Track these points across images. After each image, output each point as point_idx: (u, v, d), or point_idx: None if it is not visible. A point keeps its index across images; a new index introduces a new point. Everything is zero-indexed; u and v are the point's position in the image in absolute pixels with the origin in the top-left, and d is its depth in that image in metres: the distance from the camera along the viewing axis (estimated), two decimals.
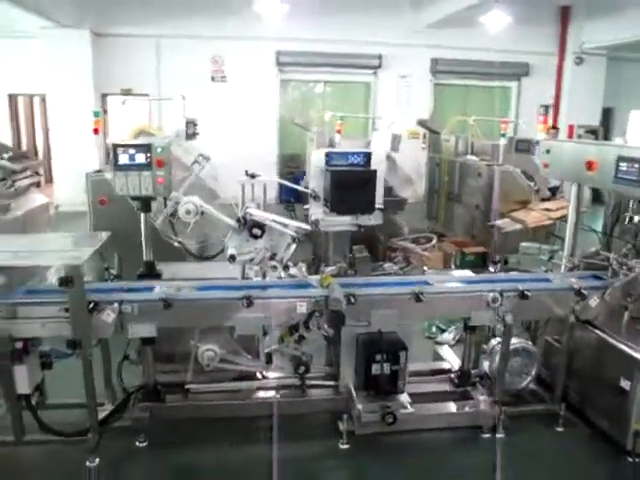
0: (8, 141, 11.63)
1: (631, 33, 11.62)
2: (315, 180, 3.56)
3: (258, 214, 3.47)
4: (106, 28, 11.73)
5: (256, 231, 3.40)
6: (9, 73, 11.75)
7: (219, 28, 11.98)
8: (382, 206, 3.57)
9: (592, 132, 12.44)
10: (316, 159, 3.54)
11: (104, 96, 12.22)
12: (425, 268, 5.91)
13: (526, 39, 12.90)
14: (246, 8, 10.35)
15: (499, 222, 7.50)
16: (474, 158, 8.52)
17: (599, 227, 4.78)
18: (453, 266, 7.40)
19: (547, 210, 7.33)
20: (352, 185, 3.44)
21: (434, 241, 7.58)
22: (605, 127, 13.63)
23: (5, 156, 7.90)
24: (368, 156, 3.54)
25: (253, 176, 3.70)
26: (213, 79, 12.66)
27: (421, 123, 10.30)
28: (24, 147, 13.09)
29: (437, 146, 9.80)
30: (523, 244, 5.27)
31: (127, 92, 12.11)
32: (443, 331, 5.43)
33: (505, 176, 7.69)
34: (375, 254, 7.45)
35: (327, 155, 3.51)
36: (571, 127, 13.07)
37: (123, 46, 11.90)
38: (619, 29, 11.97)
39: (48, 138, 12.69)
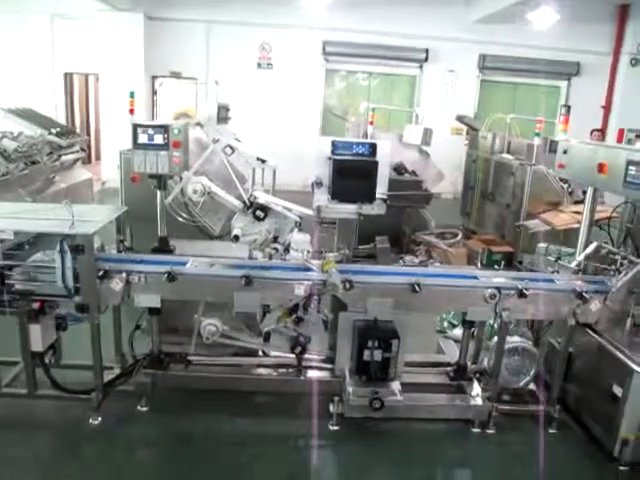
0: (62, 118, 12.19)
1: None
2: (320, 167, 3.66)
3: (263, 197, 3.61)
4: (159, 12, 12.10)
5: (259, 213, 3.55)
6: (66, 52, 12.30)
7: (268, 16, 12.18)
8: (384, 197, 3.64)
9: None
10: (323, 147, 3.64)
11: (154, 78, 12.62)
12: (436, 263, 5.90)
13: (579, 37, 12.58)
14: None
15: (527, 223, 7.41)
16: (509, 157, 8.41)
17: None
18: (479, 264, 7.37)
19: (577, 213, 7.18)
20: (354, 174, 3.53)
21: (459, 237, 7.56)
22: None
23: (53, 131, 8.35)
24: (373, 147, 3.62)
25: (263, 161, 3.83)
26: (259, 66, 12.87)
27: (460, 119, 10.20)
28: (77, 125, 13.65)
29: (476, 143, 9.72)
30: (540, 245, 5.23)
31: (176, 75, 12.49)
32: (454, 326, 5.46)
33: (537, 176, 7.58)
34: (399, 246, 7.51)
35: (333, 144, 3.61)
36: (621, 131, 12.69)
37: (174, 30, 12.27)
38: None
39: (100, 117, 13.22)
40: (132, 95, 5.56)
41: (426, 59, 13.07)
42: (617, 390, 3.49)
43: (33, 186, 7.53)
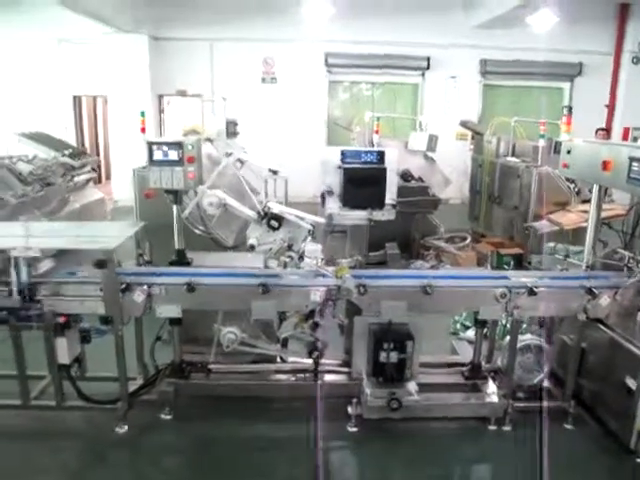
0: (72, 140, 12.43)
1: None
2: (331, 176, 3.78)
3: (276, 207, 3.73)
4: (163, 32, 12.35)
5: (273, 223, 3.66)
6: (74, 76, 12.59)
7: (270, 31, 12.37)
8: (394, 202, 3.75)
9: None
10: (332, 157, 3.76)
11: (160, 97, 12.85)
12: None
13: (579, 38, 12.67)
14: (296, 11, 10.69)
15: (536, 224, 7.48)
16: (514, 159, 8.50)
17: None
18: (489, 266, 7.44)
19: (585, 212, 7.24)
20: (363, 181, 3.66)
21: (468, 241, 7.64)
22: None
23: (66, 153, 8.55)
24: (381, 155, 3.74)
25: (275, 172, 3.96)
26: (264, 80, 13.07)
27: (464, 124, 10.31)
28: (86, 145, 13.90)
29: (481, 147, 9.81)
30: (548, 244, 5.31)
31: (182, 93, 12.71)
32: (467, 328, 5.53)
33: (544, 177, 7.65)
34: (409, 252, 7.61)
35: (342, 153, 3.74)
36: (626, 129, 12.72)
37: (179, 49, 12.51)
38: None
39: (109, 137, 13.47)
40: (143, 115, 5.78)
41: (428, 67, 13.21)
42: (631, 383, 3.55)
43: (48, 207, 7.70)
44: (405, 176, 7.63)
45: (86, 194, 9.16)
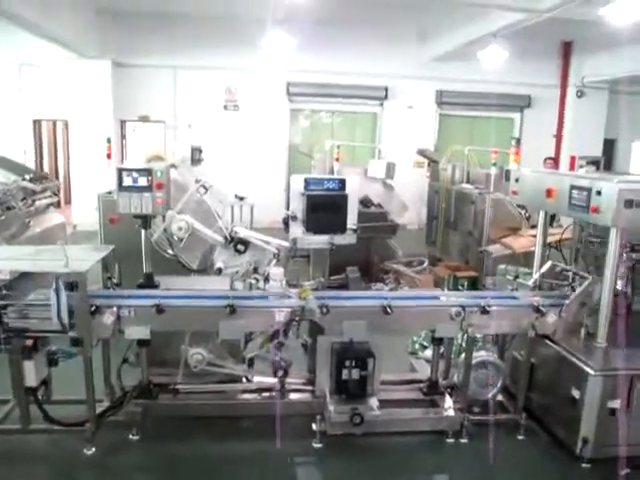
0: (31, 163, 12.32)
1: (630, 68, 12.03)
2: (295, 203, 3.98)
3: (243, 232, 3.90)
4: (126, 59, 12.43)
5: (240, 247, 3.83)
6: (35, 100, 12.52)
7: (232, 60, 12.63)
8: (355, 227, 3.97)
9: (594, 163, 12.76)
10: (296, 184, 3.97)
11: (123, 122, 12.89)
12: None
13: (528, 72, 13.40)
14: (258, 41, 10.98)
15: (489, 248, 7.83)
16: (469, 186, 8.89)
17: None
18: (445, 289, 7.73)
19: (535, 237, 7.64)
20: (326, 207, 3.87)
21: (425, 264, 7.93)
22: (607, 158, 13.98)
23: (27, 177, 8.50)
24: (343, 182, 3.97)
25: (242, 198, 4.13)
26: (226, 107, 13.27)
27: (421, 152, 10.72)
28: (46, 169, 13.76)
29: (437, 174, 10.20)
30: (500, 267, 5.61)
31: (144, 119, 12.79)
32: (425, 348, 5.76)
33: (496, 204, 8.04)
34: (369, 275, 7.84)
35: (305, 180, 3.94)
36: (573, 158, 13.45)
37: (141, 75, 12.62)
38: (619, 64, 12.39)
39: (69, 161, 13.38)
40: (109, 141, 5.86)
41: (386, 96, 13.69)
42: (575, 393, 3.82)
43: (8, 231, 7.63)
44: (365, 202, 7.90)
45: (46, 218, 9.08)
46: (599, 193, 3.77)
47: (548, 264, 4.65)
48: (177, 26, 12.12)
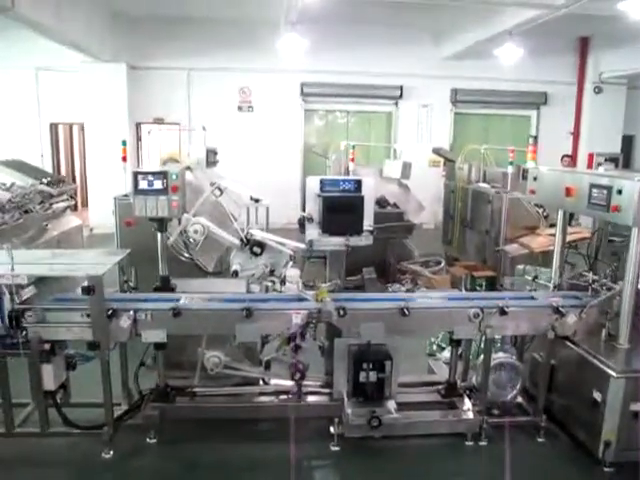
0: (48, 167, 12.44)
1: None
2: (311, 204, 3.96)
3: (259, 234, 3.88)
4: (141, 62, 12.53)
5: (256, 249, 3.81)
6: (51, 103, 12.68)
7: (247, 61, 12.67)
8: (371, 228, 3.94)
9: (612, 160, 12.58)
10: (311, 185, 3.95)
11: (138, 125, 12.98)
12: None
13: (544, 69, 13.26)
14: (272, 42, 11.00)
15: (506, 247, 7.75)
16: (485, 185, 8.81)
17: None
18: (463, 289, 7.67)
19: (553, 235, 7.54)
20: (342, 209, 3.84)
21: (442, 264, 7.86)
22: (626, 155, 13.77)
23: (44, 181, 8.59)
24: (359, 183, 3.94)
25: (257, 200, 4.12)
26: (240, 109, 13.30)
27: (436, 151, 10.65)
28: (63, 173, 13.90)
29: (453, 174, 10.13)
30: (519, 267, 5.54)
31: (159, 121, 12.86)
32: (443, 349, 5.71)
33: (513, 203, 7.94)
34: (386, 276, 7.79)
35: (321, 182, 3.92)
36: (591, 155, 13.27)
37: (156, 78, 12.70)
38: (637, 59, 12.21)
39: (85, 164, 13.50)
40: (124, 144, 5.89)
41: (401, 95, 13.61)
42: (597, 395, 3.75)
43: (26, 235, 7.72)
44: (381, 203, 7.87)
45: (64, 221, 9.18)
46: (620, 192, 3.70)
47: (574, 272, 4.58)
48: (191, 29, 12.23)
